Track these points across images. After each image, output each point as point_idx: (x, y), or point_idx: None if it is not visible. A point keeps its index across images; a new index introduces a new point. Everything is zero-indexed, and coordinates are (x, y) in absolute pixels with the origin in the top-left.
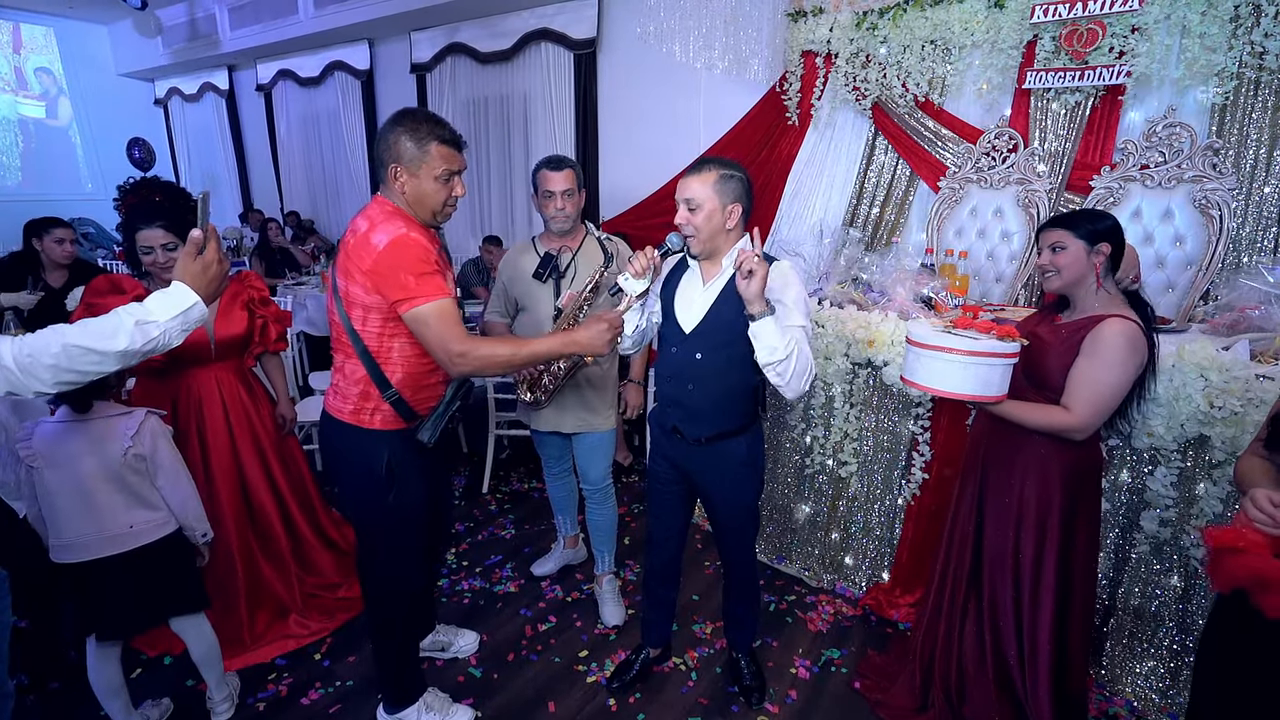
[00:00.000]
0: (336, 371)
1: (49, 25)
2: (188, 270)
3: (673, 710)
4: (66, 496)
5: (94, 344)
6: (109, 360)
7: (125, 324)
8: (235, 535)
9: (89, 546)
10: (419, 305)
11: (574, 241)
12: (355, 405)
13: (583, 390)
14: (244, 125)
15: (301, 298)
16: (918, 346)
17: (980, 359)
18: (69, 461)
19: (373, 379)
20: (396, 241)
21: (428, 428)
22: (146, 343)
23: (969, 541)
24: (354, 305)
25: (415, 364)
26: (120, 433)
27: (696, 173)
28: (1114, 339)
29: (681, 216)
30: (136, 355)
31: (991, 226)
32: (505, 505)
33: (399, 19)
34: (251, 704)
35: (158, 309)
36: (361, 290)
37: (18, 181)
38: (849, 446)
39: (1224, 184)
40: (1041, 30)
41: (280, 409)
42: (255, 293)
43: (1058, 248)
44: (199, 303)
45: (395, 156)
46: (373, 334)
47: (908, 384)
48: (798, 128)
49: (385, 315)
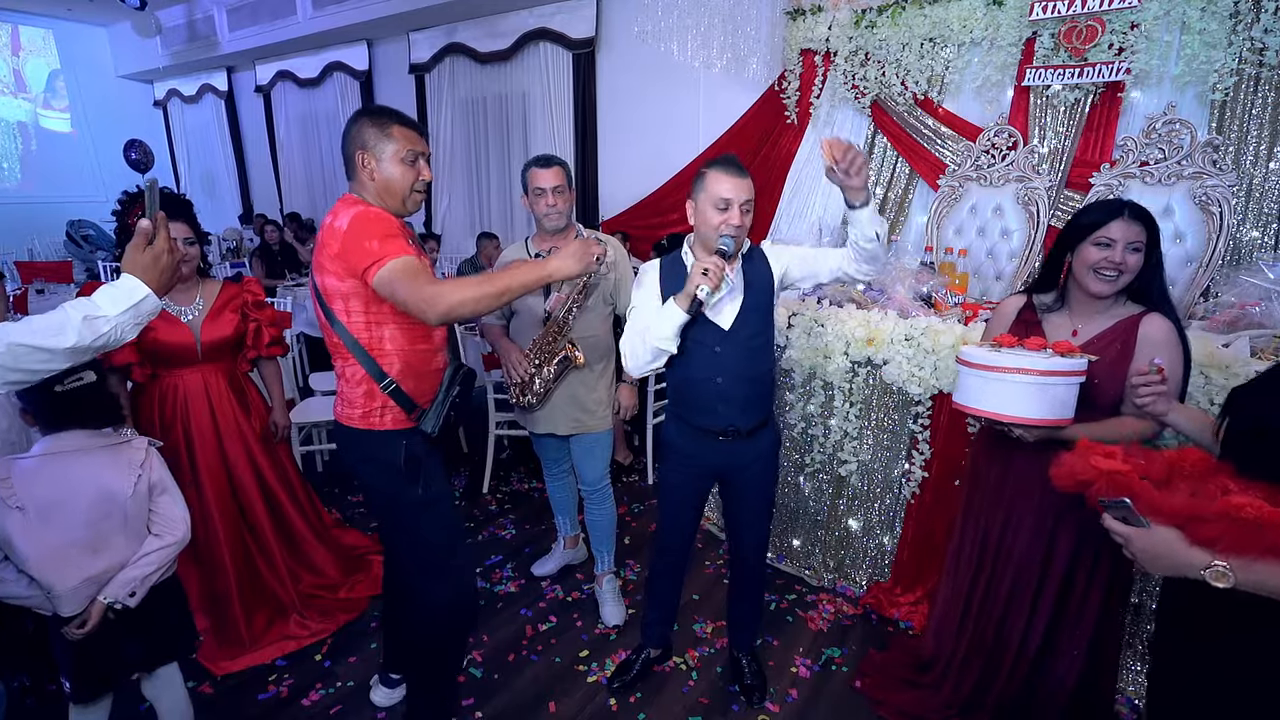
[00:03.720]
0: (339, 380)
1: (48, 27)
2: (137, 262)
3: (673, 710)
4: (54, 540)
5: (40, 342)
6: (58, 358)
7: (73, 319)
8: (224, 534)
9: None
10: (384, 264)
11: (565, 241)
12: (363, 408)
13: (576, 391)
14: (243, 126)
15: (301, 299)
16: (977, 368)
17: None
18: (60, 501)
19: (370, 373)
20: (359, 215)
21: (430, 417)
22: (96, 338)
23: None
24: (334, 298)
25: (410, 352)
26: (126, 464)
27: (744, 176)
28: (1169, 334)
29: (735, 218)
30: (87, 351)
31: (991, 224)
32: (505, 505)
33: (397, 19)
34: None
35: (107, 303)
36: (335, 278)
37: (17, 183)
38: (849, 445)
39: (1224, 180)
40: (1040, 27)
41: (274, 416)
42: (250, 296)
43: (1136, 248)
44: (150, 295)
45: (360, 143)
46: (360, 324)
47: (965, 410)
48: (796, 126)
49: (366, 299)
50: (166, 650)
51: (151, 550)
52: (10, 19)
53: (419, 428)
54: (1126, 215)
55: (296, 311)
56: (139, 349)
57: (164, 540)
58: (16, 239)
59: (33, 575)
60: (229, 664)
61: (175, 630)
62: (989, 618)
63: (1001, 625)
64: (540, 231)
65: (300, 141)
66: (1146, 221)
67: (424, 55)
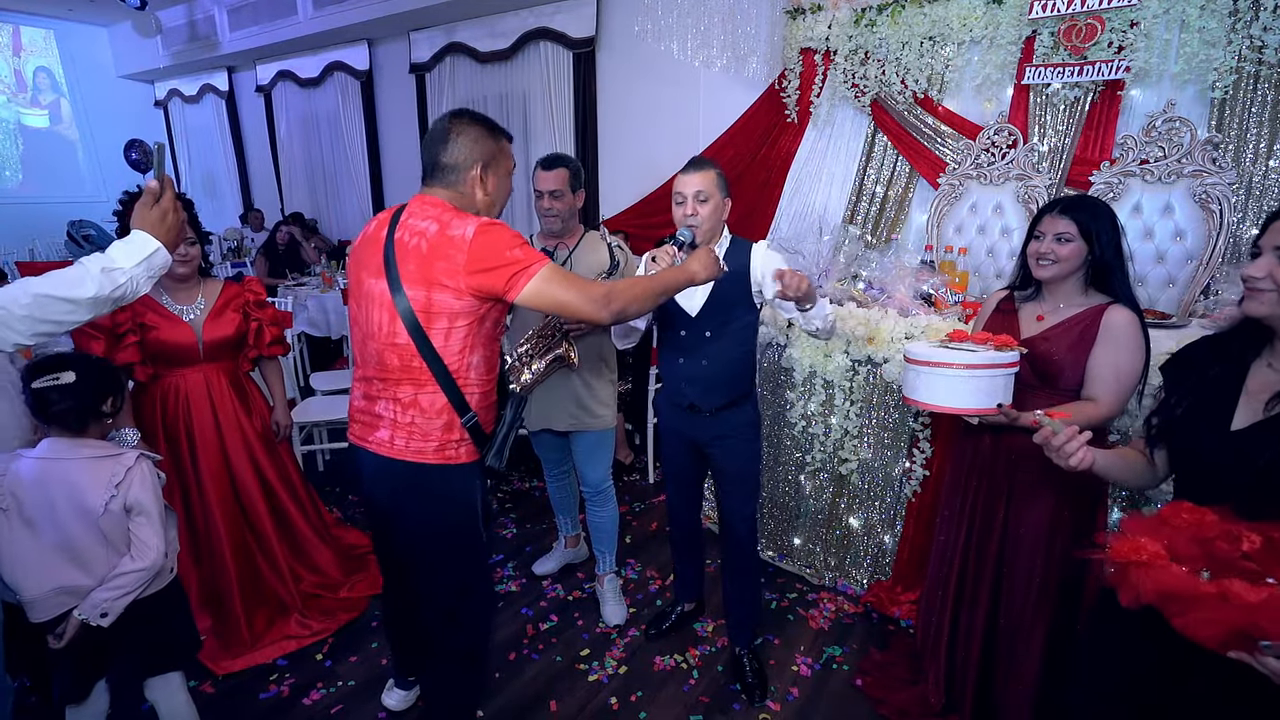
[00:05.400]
0: (401, 408)
1: (49, 28)
2: (146, 218)
3: (674, 709)
4: (35, 545)
5: (63, 292)
6: (81, 308)
7: (91, 271)
8: (226, 533)
9: (61, 603)
10: (536, 271)
11: (571, 240)
12: (440, 441)
13: (574, 386)
14: (244, 126)
15: (302, 298)
16: (916, 364)
17: (980, 371)
18: (46, 507)
19: (454, 405)
20: (484, 226)
21: (494, 451)
22: (115, 289)
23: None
24: (437, 317)
25: (486, 381)
26: (104, 480)
27: (699, 170)
28: (1129, 326)
29: (690, 209)
30: (107, 303)
31: (991, 223)
32: (506, 505)
33: (398, 19)
34: (254, 704)
35: (121, 256)
36: (452, 295)
37: (18, 184)
38: (849, 444)
39: (1224, 178)
40: (1040, 25)
41: (275, 415)
42: (252, 295)
43: (1065, 239)
44: (161, 248)
45: (478, 155)
46: (454, 350)
47: (909, 402)
48: (797, 125)
49: (471, 320)
50: (165, 658)
51: (124, 572)
52: (11, 19)
53: (482, 461)
54: (1055, 211)
55: (297, 311)
56: (141, 348)
57: (136, 564)
58: (17, 239)
59: (2, 576)
60: (230, 663)
61: (175, 638)
62: (962, 606)
63: (971, 612)
64: (543, 230)
65: (301, 141)
66: (1078, 215)
67: (424, 55)
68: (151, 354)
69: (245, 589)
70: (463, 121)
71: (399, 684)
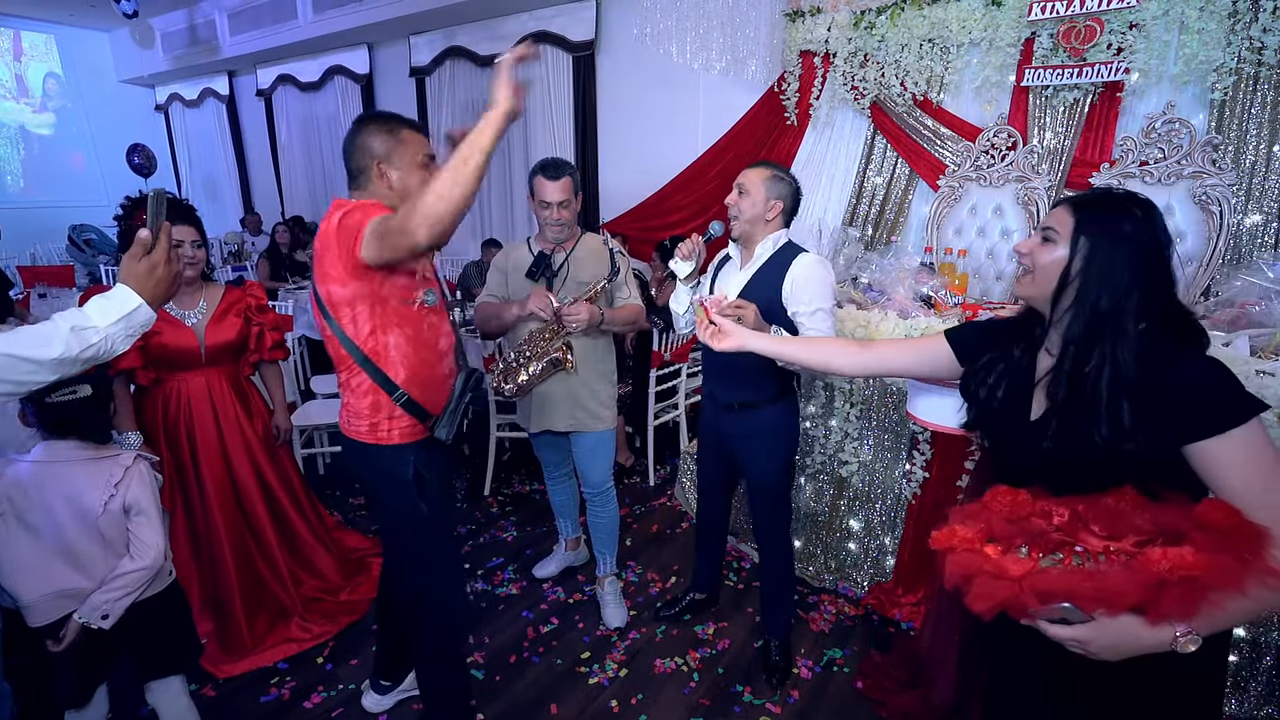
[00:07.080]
0: (344, 392)
1: (49, 32)
2: (132, 271)
3: (675, 711)
4: (33, 549)
5: (27, 352)
6: (44, 369)
7: (60, 330)
8: (226, 537)
9: (60, 606)
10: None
11: (568, 243)
12: (370, 421)
13: (576, 390)
14: (244, 130)
15: (303, 302)
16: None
17: None
18: (43, 511)
19: (378, 383)
20: (346, 211)
21: (443, 424)
22: (85, 349)
23: None
24: (339, 307)
25: (415, 359)
26: (102, 480)
27: (755, 167)
28: None
29: (731, 198)
30: (76, 363)
31: (991, 224)
32: (506, 508)
33: (398, 23)
34: (254, 707)
35: (97, 314)
36: (339, 284)
37: (19, 188)
38: (850, 446)
39: (1224, 179)
40: (1039, 27)
41: (276, 419)
42: (254, 300)
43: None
44: (143, 305)
45: (373, 154)
46: (365, 333)
47: (912, 419)
48: (796, 127)
49: (370, 302)
50: (165, 662)
51: (124, 572)
52: (12, 24)
53: (433, 435)
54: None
55: (298, 315)
56: (143, 352)
57: (136, 564)
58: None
59: (0, 581)
60: (231, 667)
61: (175, 643)
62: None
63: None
64: (542, 234)
65: (301, 145)
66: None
67: (424, 58)
68: (153, 358)
69: (246, 592)
70: (358, 125)
71: (375, 686)
